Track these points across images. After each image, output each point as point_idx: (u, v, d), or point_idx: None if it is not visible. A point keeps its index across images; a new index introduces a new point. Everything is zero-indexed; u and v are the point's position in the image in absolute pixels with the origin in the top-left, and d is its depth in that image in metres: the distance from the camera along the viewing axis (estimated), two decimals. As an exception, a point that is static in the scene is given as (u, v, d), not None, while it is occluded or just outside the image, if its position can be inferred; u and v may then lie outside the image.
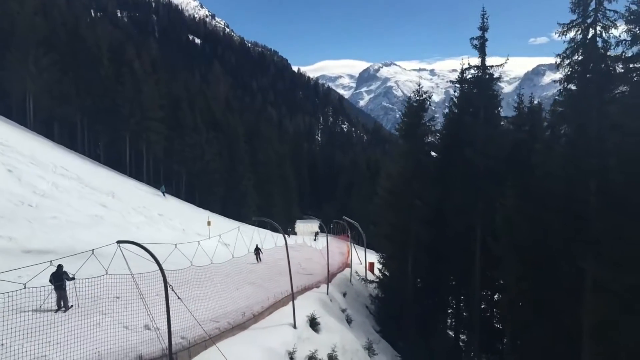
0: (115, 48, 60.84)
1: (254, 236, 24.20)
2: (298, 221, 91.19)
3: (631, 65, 16.80)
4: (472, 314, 27.42)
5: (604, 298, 15.91)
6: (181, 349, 12.87)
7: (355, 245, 46.14)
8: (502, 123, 29.39)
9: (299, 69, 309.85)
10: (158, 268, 10.72)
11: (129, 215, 35.98)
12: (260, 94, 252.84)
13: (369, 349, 21.62)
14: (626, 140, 15.45)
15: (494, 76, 27.36)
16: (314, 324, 19.10)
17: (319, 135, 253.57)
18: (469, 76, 28.27)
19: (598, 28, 19.24)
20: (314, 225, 79.86)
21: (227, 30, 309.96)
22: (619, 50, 18.44)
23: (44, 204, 28.53)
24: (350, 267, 33.64)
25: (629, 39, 17.83)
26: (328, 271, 25.40)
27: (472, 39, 27.07)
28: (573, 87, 20.05)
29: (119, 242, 10.46)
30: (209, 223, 39.52)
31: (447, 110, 31.77)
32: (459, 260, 27.83)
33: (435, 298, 29.45)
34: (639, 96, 15.71)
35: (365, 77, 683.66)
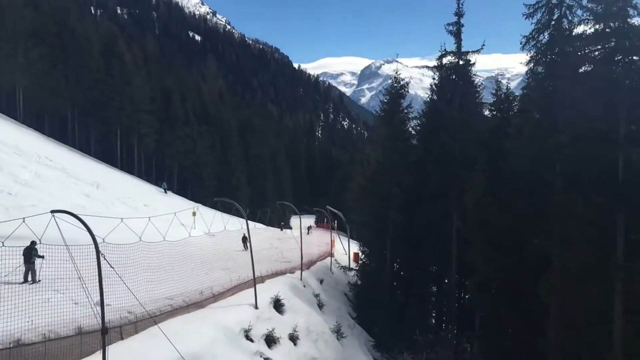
0: (106, 40, 60.88)
1: (214, 219, 24.24)
2: (294, 216, 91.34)
3: (592, 46, 16.67)
4: (448, 300, 27.40)
5: (561, 276, 15.85)
6: (127, 323, 12.96)
7: (341, 235, 46.19)
8: (481, 109, 29.36)
9: (299, 66, 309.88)
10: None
11: (112, 205, 36.01)
12: (260, 91, 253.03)
13: (337, 332, 21.64)
14: (579, 118, 15.37)
15: (470, 62, 27.26)
16: (278, 305, 19.11)
17: (320, 132, 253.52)
18: (446, 62, 28.15)
19: (563, 8, 19.16)
20: (310, 220, 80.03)
21: (229, 27, 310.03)
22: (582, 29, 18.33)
23: (24, 193, 28.58)
24: (331, 256, 33.68)
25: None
26: (302, 257, 25.42)
27: (447, 24, 27.01)
28: (540, 69, 19.96)
29: (52, 211, 10.44)
30: (193, 214, 39.61)
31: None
32: (436, 247, 27.78)
33: (413, 284, 29.38)
34: (596, 74, 15.60)
35: (367, 75, 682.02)
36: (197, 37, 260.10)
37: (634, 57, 15.22)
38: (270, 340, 16.33)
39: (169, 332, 13.43)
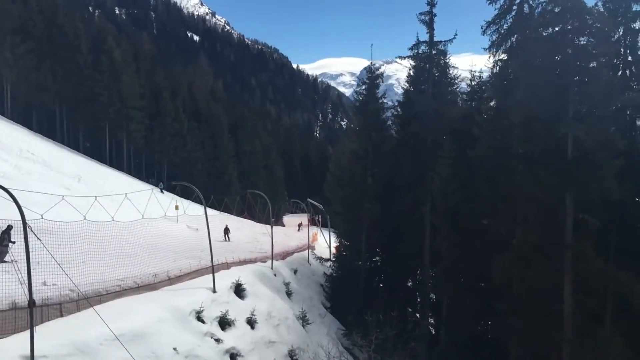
0: (94, 36, 61.01)
1: (171, 203, 24.28)
2: (288, 215, 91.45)
3: (546, 29, 16.68)
4: (422, 288, 27.39)
5: (512, 257, 15.83)
6: (69, 301, 13.02)
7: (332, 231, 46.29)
8: (457, 99, 29.36)
9: (298, 66, 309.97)
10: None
11: (92, 198, 36.10)
12: (259, 91, 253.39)
13: (303, 319, 21.65)
14: (530, 98, 15.35)
15: (443, 52, 27.28)
16: (239, 290, 19.09)
17: (318, 131, 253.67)
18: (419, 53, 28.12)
19: (524, -8, 19.18)
20: (303, 218, 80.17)
21: (228, 27, 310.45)
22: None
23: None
24: (309, 248, 33.70)
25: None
26: (272, 246, 25.44)
27: (419, 14, 26.96)
28: (502, 54, 19.98)
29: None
30: (176, 207, 39.67)
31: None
32: (411, 236, 27.78)
33: (388, 274, 29.39)
34: (547, 55, 15.58)
35: (365, 75, 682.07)
36: (196, 37, 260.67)
37: (583, 38, 15.23)
38: (225, 322, 16.31)
39: (114, 311, 13.51)
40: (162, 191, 53.04)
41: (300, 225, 69.96)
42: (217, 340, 15.30)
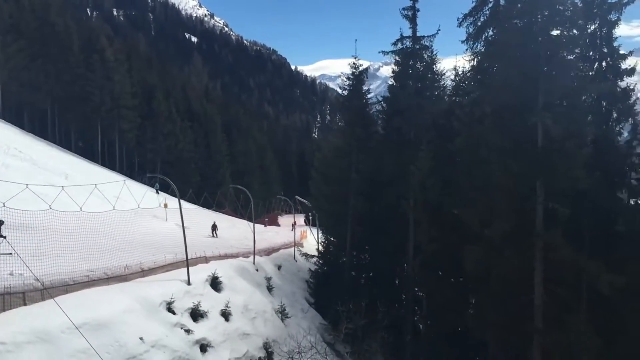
0: (87, 36, 61.01)
1: (145, 195, 24.25)
2: (285, 215, 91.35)
3: (519, 20, 16.64)
4: (406, 283, 27.31)
5: (481, 248, 15.79)
6: (32, 290, 13.00)
7: (313, 227, 46.26)
8: (443, 94, 29.31)
9: (296, 68, 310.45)
10: None
11: (79, 195, 36.06)
12: (257, 92, 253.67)
13: (282, 312, 21.59)
14: (501, 88, 15.34)
15: (426, 46, 27.25)
16: (215, 283, 19.05)
17: (316, 132, 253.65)
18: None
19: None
20: (299, 218, 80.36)
21: (226, 29, 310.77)
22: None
23: (-17, 180, 28.59)
24: (295, 245, 33.67)
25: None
26: (254, 242, 25.44)
27: (402, 9, 26.95)
28: (479, 47, 19.95)
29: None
30: (165, 205, 39.70)
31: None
32: (395, 232, 27.71)
33: (374, 269, 29.32)
34: (517, 45, 15.53)
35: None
36: (194, 39, 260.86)
37: (555, 28, 15.21)
38: (197, 314, 16.28)
39: (80, 301, 13.50)
40: (157, 192, 52.98)
41: (294, 225, 70.16)
42: (187, 331, 15.26)
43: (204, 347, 15.32)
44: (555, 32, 15.98)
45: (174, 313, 15.51)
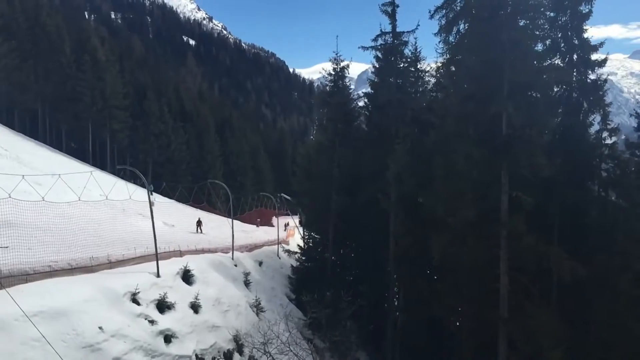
0: (78, 36, 61.06)
1: (115, 186, 24.22)
2: (282, 216, 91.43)
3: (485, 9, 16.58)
4: (387, 278, 27.22)
5: (446, 236, 15.74)
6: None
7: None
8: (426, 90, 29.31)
9: (294, 70, 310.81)
10: None
11: (64, 194, 36.02)
12: (254, 94, 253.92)
13: (257, 306, 21.50)
14: (467, 77, 15.32)
15: (406, 42, 27.28)
16: (187, 276, 18.95)
17: (314, 134, 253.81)
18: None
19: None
20: (293, 219, 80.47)
21: (225, 32, 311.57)
22: None
23: (-34, 178, 28.58)
24: (278, 241, 33.61)
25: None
26: (232, 237, 25.39)
27: (382, 5, 26.97)
28: (451, 39, 19.91)
29: None
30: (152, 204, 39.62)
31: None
32: (377, 226, 27.64)
33: (356, 264, 29.28)
34: (483, 34, 15.51)
35: (363, 79, 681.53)
36: (192, 41, 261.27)
37: (519, 17, 15.22)
38: (164, 305, 16.16)
39: (39, 290, 13.43)
40: (151, 193, 52.88)
41: (286, 225, 70.17)
42: (152, 322, 15.15)
43: (168, 338, 15.21)
44: (522, 23, 15.99)
45: (138, 304, 15.40)
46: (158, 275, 17.62)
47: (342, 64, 29.22)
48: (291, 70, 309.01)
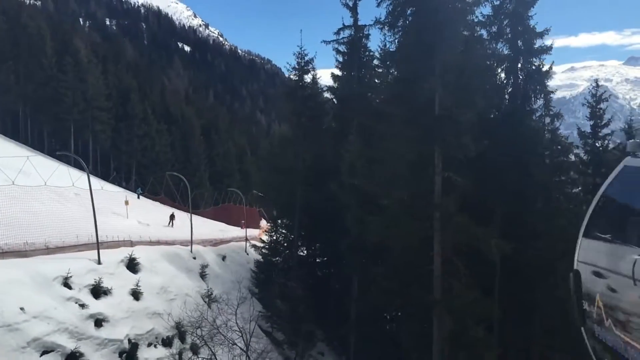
0: (60, 37, 61.17)
1: (56, 171, 24.12)
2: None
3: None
4: (346, 270, 27.08)
5: (382, 219, 15.64)
6: None
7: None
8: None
9: (289, 77, 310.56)
10: None
11: (36, 192, 35.89)
12: (250, 100, 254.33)
13: (209, 297, 21.33)
14: (400, 60, 15.30)
15: (368, 35, 27.35)
16: (132, 264, 18.82)
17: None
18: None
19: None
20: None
21: (221, 39, 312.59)
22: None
23: None
24: (246, 237, 33.50)
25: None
26: (191, 229, 25.26)
27: (344, -3, 27.04)
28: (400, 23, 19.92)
29: None
30: (126, 202, 39.58)
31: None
32: (339, 220, 27.52)
33: (321, 257, 29.15)
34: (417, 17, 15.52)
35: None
36: (187, 48, 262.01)
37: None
38: (99, 290, 16.00)
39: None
40: (139, 197, 52.84)
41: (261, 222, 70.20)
42: (82, 306, 14.98)
43: (99, 322, 15.03)
44: (459, 5, 16.02)
45: (70, 288, 15.23)
46: (99, 262, 17.48)
47: (307, 58, 29.23)
48: (287, 76, 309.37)
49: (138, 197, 51.64)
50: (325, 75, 30.08)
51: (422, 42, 15.06)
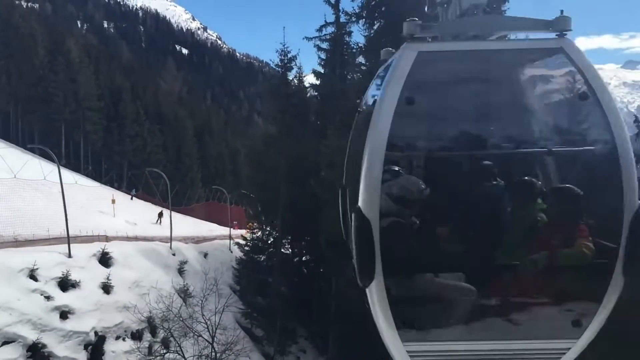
0: (51, 38, 61.17)
1: (27, 164, 24.04)
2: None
3: None
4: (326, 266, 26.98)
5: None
6: None
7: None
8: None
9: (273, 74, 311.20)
10: None
11: (22, 189, 35.76)
12: (247, 102, 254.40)
13: (185, 292, 21.20)
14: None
15: (350, 32, 27.35)
16: (105, 258, 18.73)
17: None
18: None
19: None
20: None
21: (219, 42, 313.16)
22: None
23: None
24: (230, 235, 33.40)
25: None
26: (171, 226, 25.18)
27: (326, -6, 27.03)
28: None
29: None
30: (113, 201, 39.45)
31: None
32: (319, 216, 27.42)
33: (304, 255, 29.04)
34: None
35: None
36: (185, 51, 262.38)
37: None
38: (67, 283, 15.91)
39: None
40: (132, 198, 52.73)
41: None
42: (48, 298, 14.90)
43: (64, 314, 14.94)
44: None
45: (36, 280, 15.16)
46: (69, 256, 17.38)
47: (290, 55, 29.18)
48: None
49: (131, 199, 51.53)
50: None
51: (390, 32, 15.03)
